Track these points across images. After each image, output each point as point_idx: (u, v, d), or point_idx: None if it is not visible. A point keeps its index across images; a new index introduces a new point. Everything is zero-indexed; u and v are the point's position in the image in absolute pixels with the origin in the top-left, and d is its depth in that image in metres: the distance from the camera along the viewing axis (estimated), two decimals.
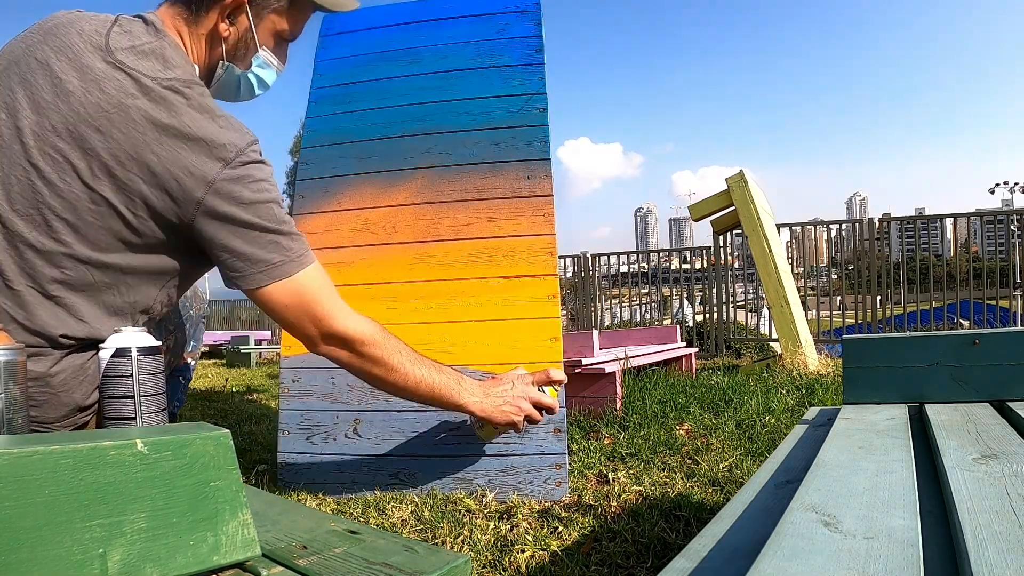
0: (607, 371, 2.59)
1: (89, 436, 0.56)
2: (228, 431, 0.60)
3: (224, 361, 8.12)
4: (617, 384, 2.63)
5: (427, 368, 1.27)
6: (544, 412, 1.44)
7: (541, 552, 1.35)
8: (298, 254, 1.07)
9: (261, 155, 1.04)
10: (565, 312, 7.77)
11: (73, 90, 0.93)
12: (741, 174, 3.96)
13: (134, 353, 0.78)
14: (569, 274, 7.89)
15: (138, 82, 0.95)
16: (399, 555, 0.63)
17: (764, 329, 7.20)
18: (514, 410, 1.37)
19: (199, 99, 0.99)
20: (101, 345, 0.80)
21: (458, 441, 1.76)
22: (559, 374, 1.46)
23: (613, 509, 1.58)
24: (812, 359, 3.74)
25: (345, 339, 1.17)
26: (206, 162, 0.95)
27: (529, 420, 1.41)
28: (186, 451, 0.56)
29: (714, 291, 6.89)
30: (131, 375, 0.77)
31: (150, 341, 0.81)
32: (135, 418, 0.78)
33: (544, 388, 1.43)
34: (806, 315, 5.27)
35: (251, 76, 1.18)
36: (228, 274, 1.03)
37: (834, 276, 7.59)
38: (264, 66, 1.19)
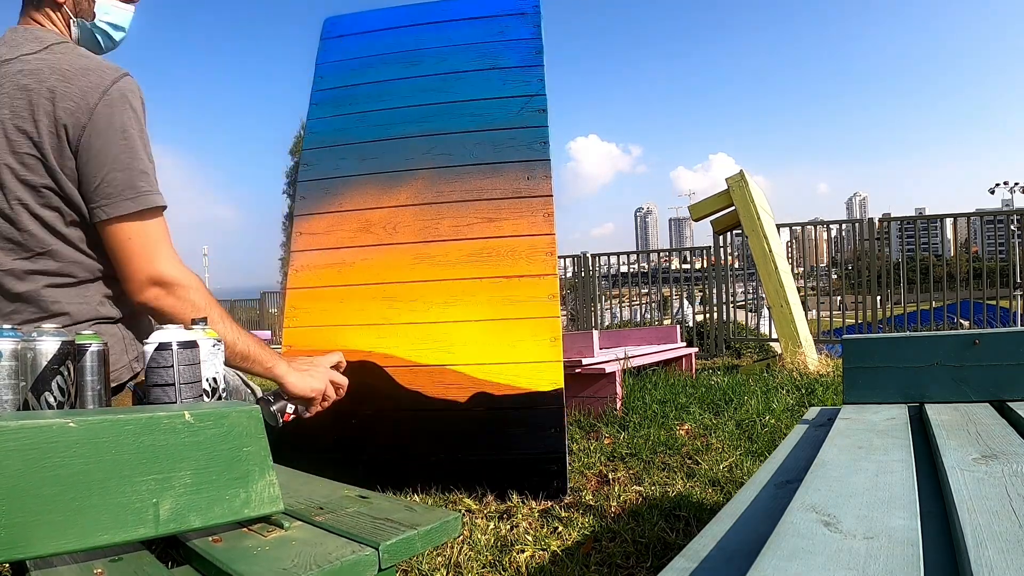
0: (607, 371, 2.59)
1: (147, 409, 0.68)
2: (258, 407, 0.71)
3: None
4: (617, 384, 2.63)
5: (241, 332, 1.20)
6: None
7: (541, 552, 1.35)
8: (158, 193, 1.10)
9: None
10: (565, 312, 7.76)
11: None
12: (741, 174, 3.96)
13: (175, 347, 0.88)
14: (569, 274, 7.89)
15: None
16: (400, 512, 0.74)
17: (764, 329, 7.19)
18: (318, 380, 1.31)
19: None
20: (146, 340, 0.90)
21: (458, 441, 1.76)
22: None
23: (613, 509, 1.58)
24: (812, 359, 3.74)
25: (173, 283, 1.10)
26: None
27: (326, 397, 1.33)
28: (224, 422, 0.67)
29: (714, 291, 6.89)
30: (172, 366, 0.87)
31: (187, 336, 0.90)
32: (176, 403, 0.88)
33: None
34: (806, 315, 5.27)
35: (100, 24, 1.24)
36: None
37: (834, 276, 7.59)
38: (109, 11, 1.24)
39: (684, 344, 4.36)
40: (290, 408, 1.29)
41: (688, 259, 8.26)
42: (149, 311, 1.10)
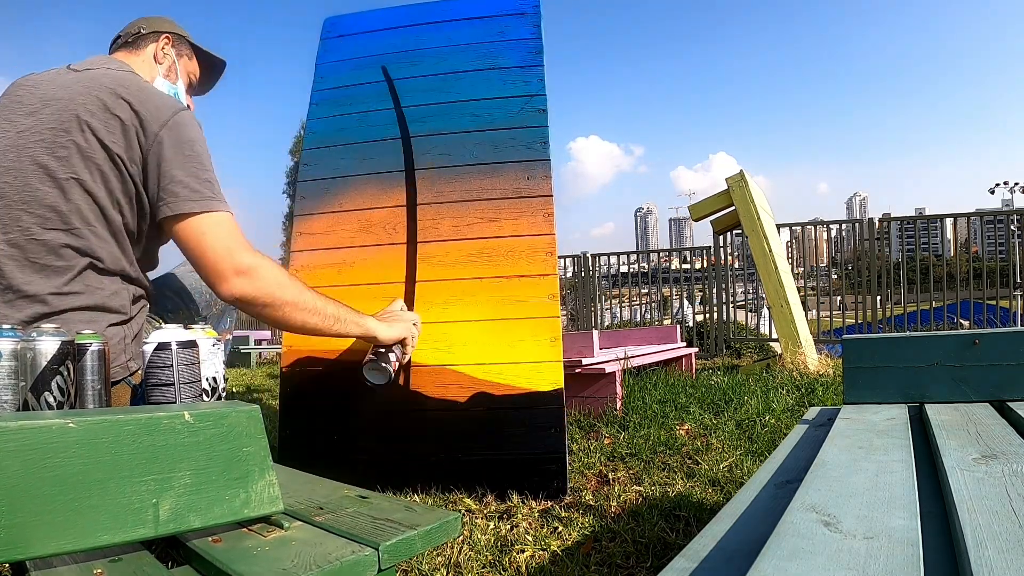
0: (607, 371, 2.59)
1: (146, 409, 0.67)
2: (258, 407, 0.70)
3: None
4: (617, 384, 2.63)
5: (328, 299, 1.29)
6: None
7: (541, 552, 1.35)
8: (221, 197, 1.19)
9: None
10: (565, 312, 7.76)
11: None
12: (741, 174, 3.96)
13: (174, 347, 0.88)
14: (569, 274, 7.88)
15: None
16: (400, 512, 0.74)
17: (764, 329, 7.19)
18: (404, 325, 1.47)
19: None
20: (145, 340, 0.90)
21: (458, 441, 1.76)
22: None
23: (613, 509, 1.58)
24: (812, 359, 3.74)
25: (255, 267, 1.14)
26: None
27: (414, 337, 1.53)
28: (224, 422, 0.67)
29: (714, 291, 6.89)
30: (171, 365, 0.88)
31: (187, 336, 0.90)
32: (175, 403, 0.89)
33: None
34: (806, 315, 5.27)
35: (177, 90, 1.44)
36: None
37: (834, 276, 7.59)
38: (183, 88, 1.46)
39: (684, 344, 4.36)
40: (393, 357, 1.44)
41: (688, 259, 8.26)
42: (241, 303, 1.14)
